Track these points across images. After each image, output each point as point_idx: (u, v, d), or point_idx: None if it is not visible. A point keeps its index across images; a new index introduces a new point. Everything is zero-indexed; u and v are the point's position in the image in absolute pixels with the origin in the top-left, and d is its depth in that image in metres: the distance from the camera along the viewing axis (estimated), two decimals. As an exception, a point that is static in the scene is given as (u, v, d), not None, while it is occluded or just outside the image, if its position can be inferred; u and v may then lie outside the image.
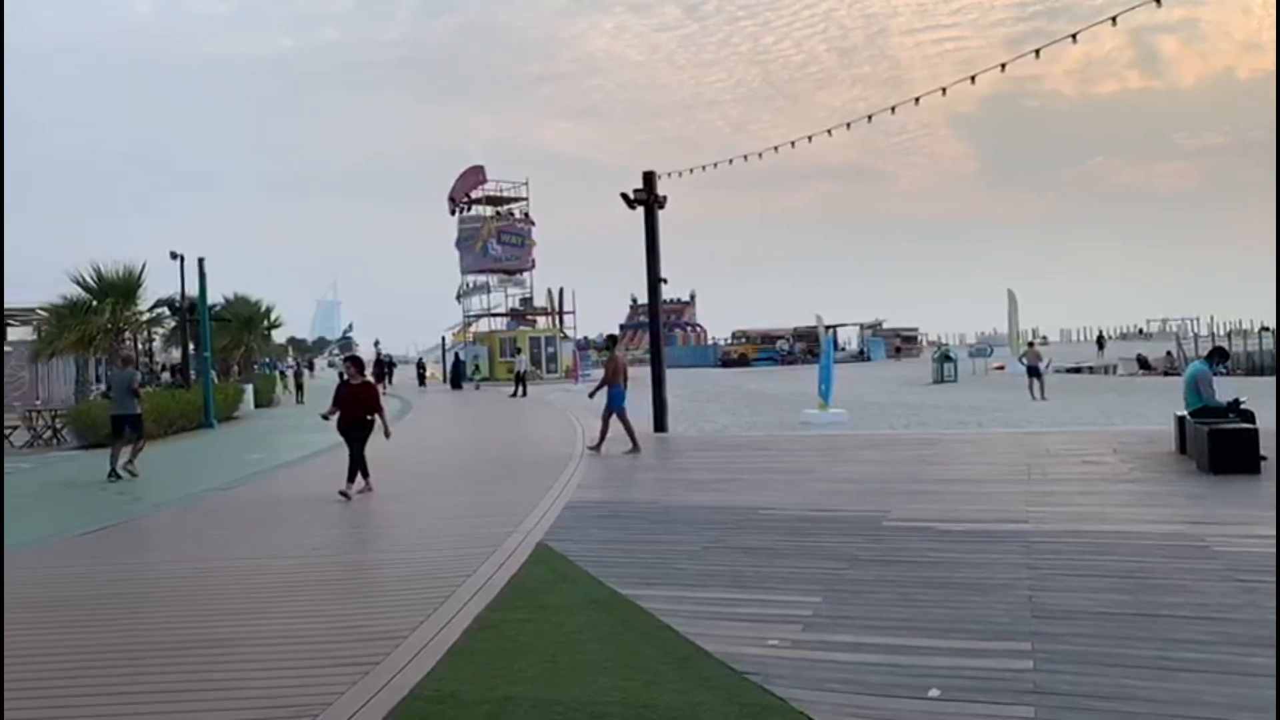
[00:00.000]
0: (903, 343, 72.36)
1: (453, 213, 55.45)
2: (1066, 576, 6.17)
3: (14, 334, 35.33)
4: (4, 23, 10.91)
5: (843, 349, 62.49)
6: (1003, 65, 14.79)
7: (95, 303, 22.84)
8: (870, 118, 17.64)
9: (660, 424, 17.99)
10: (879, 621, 5.34)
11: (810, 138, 18.52)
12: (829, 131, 18.16)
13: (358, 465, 10.91)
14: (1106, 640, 4.85)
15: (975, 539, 7.41)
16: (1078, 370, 43.06)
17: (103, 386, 25.17)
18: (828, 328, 24.26)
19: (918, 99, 16.64)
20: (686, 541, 7.80)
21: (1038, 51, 14.26)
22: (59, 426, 20.97)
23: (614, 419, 14.83)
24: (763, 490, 10.37)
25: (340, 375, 11.35)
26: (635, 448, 14.40)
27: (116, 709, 4.47)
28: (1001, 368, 41.24)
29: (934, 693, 4.22)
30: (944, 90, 16.06)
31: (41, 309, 26.71)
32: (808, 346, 60.84)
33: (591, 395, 15.17)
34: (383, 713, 4.25)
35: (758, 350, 65.74)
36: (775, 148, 19.00)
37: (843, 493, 9.98)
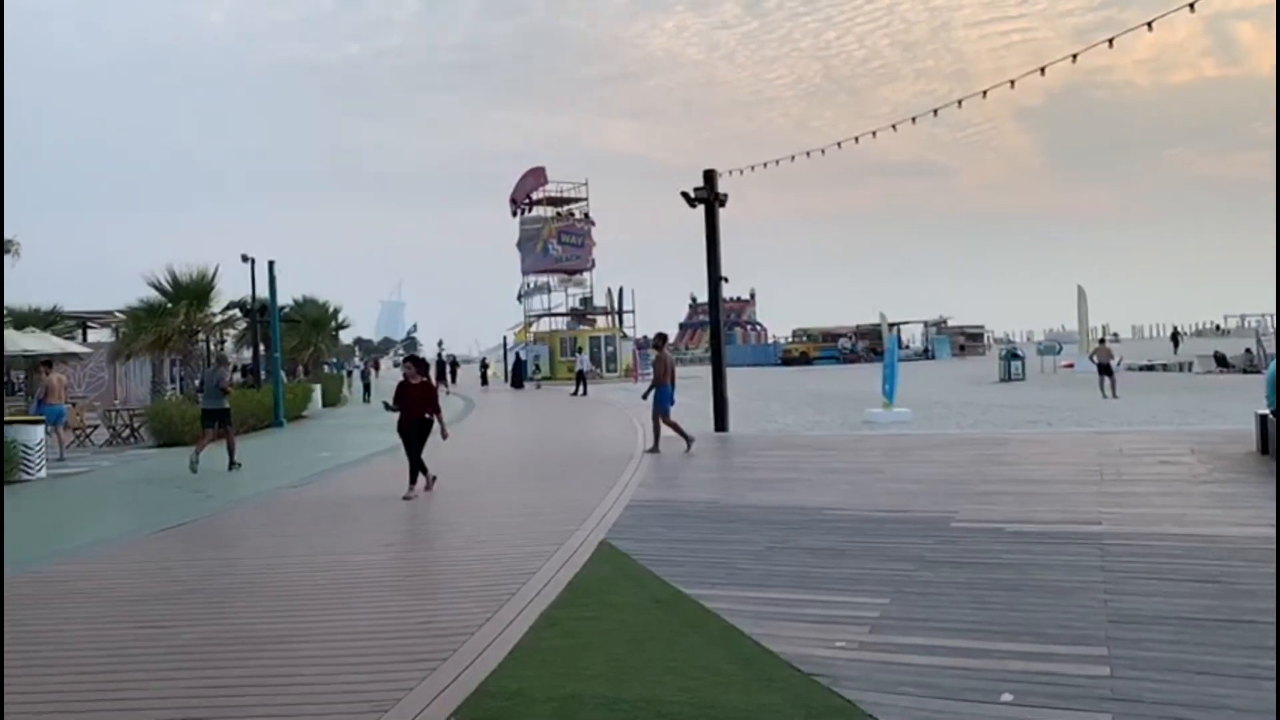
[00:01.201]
0: (968, 340, 71.13)
1: (514, 214, 55.98)
2: (1144, 580, 5.99)
3: (94, 336, 36.61)
4: (4, 23, 11.05)
5: (906, 347, 61.65)
6: (1074, 56, 14.45)
7: (170, 305, 23.50)
8: (935, 112, 17.39)
9: (721, 423, 17.93)
10: (949, 624, 5.24)
11: (874, 133, 18.29)
12: (893, 126, 17.93)
13: (416, 467, 11.03)
14: (1188, 647, 4.70)
15: (1047, 540, 7.24)
16: (1151, 368, 41.85)
17: (172, 387, 25.92)
18: (891, 325, 23.97)
19: (985, 92, 16.33)
20: (750, 541, 7.75)
21: (1111, 41, 13.89)
22: (136, 425, 21.64)
23: (663, 413, 14.83)
24: (827, 490, 10.27)
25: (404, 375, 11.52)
26: (689, 443, 14.44)
27: (196, 702, 4.58)
28: (1071, 365, 40.31)
29: (1007, 698, 4.13)
30: (1012, 83, 15.73)
31: (120, 312, 27.61)
32: (871, 345, 60.20)
33: (645, 396, 15.15)
34: (451, 708, 4.29)
35: (819, 349, 65.16)
36: (838, 144, 18.82)
37: (909, 493, 9.83)
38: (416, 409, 11.14)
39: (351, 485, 12.53)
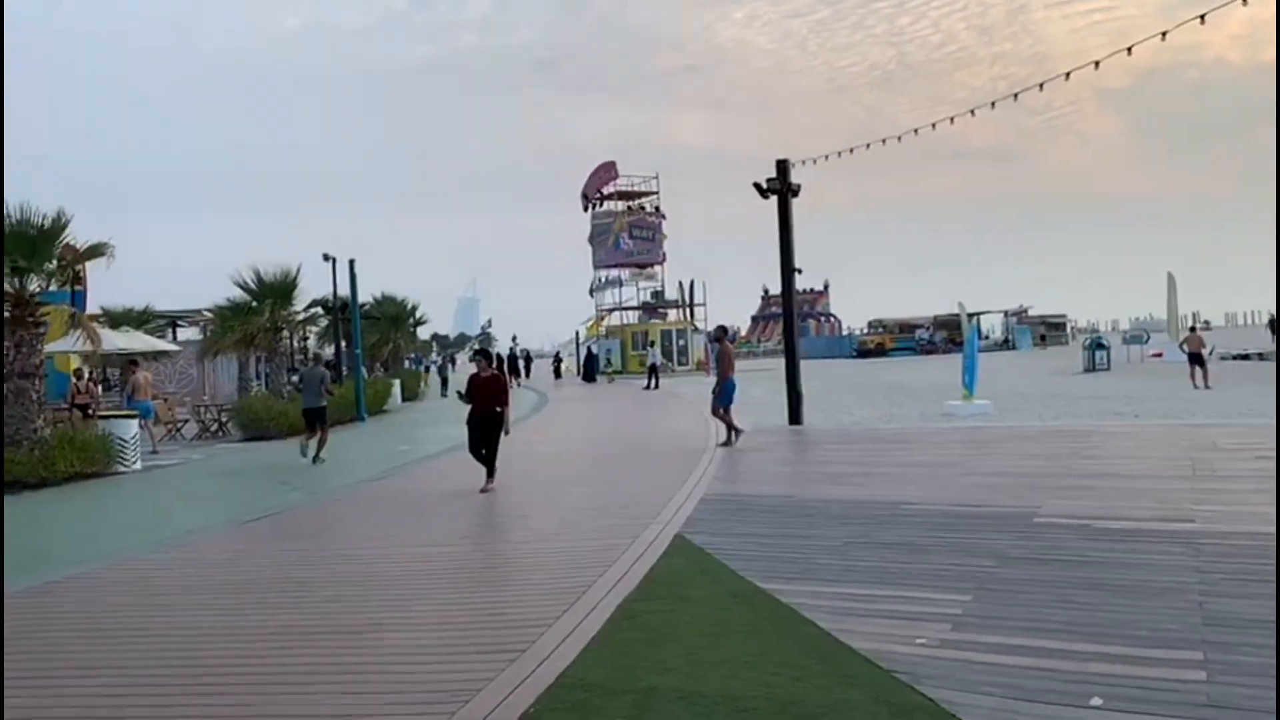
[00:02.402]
0: (1049, 330, 69.24)
1: (586, 209, 56.32)
2: (1242, 581, 5.76)
3: (183, 334, 37.94)
4: (4, 22, 11.28)
5: (986, 338, 60.31)
6: (1163, 34, 13.92)
7: (255, 304, 24.20)
8: (1015, 96, 16.97)
9: (795, 416, 17.78)
10: (1034, 623, 5.11)
11: (951, 119, 17.94)
12: (971, 112, 17.54)
13: (490, 461, 11.13)
14: (1290, 649, 4.50)
15: (1136, 538, 7.01)
16: (1246, 357, 40.10)
17: (257, 383, 26.70)
18: (970, 315, 23.44)
19: (1067, 74, 15.87)
20: (827, 536, 7.68)
21: (1203, 17, 13.34)
22: (224, 420, 22.37)
23: (719, 406, 14.78)
24: (905, 484, 10.11)
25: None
26: (732, 439, 14.39)
27: (279, 689, 4.72)
28: (1159, 355, 38.91)
29: (1096, 701, 4.02)
30: (1097, 64, 15.25)
31: (207, 311, 28.56)
32: (949, 335, 59.01)
33: (719, 391, 15.02)
34: (531, 699, 4.35)
35: (895, 340, 64.07)
36: (914, 131, 18.48)
37: (990, 487, 9.62)
38: (486, 401, 11.26)
39: (430, 478, 12.75)
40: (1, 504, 8.80)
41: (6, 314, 14.61)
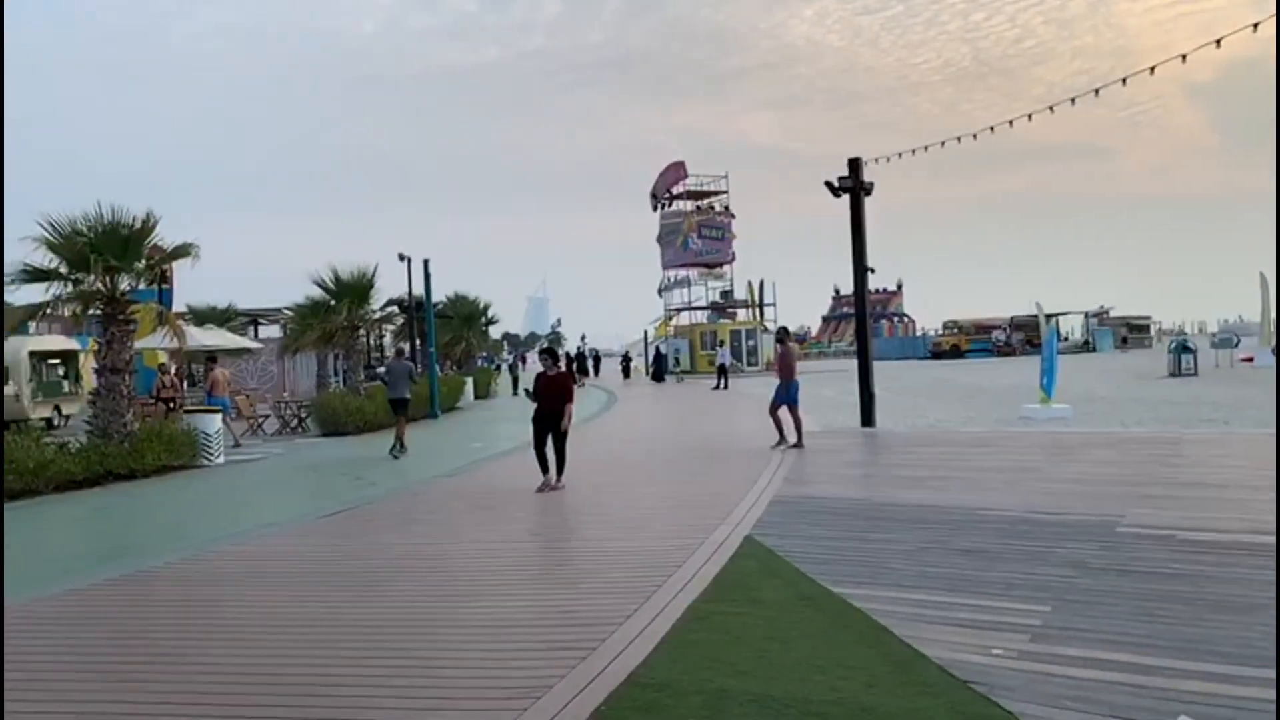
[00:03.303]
0: (1132, 332, 67.11)
1: (655, 208, 56.39)
2: (1339, 595, 5.51)
3: (264, 332, 39.06)
4: (4, 22, 11.41)
5: (1066, 339, 58.74)
6: (1255, 25, 13.39)
7: (333, 303, 24.78)
8: (1097, 91, 16.48)
9: (868, 418, 17.56)
10: (1116, 636, 4.96)
11: (1029, 116, 17.52)
12: (1050, 108, 17.11)
13: (560, 458, 11.22)
14: (1393, 670, 4.30)
15: (1224, 550, 6.76)
16: (1344, 362, 38.37)
17: (335, 380, 27.34)
18: (1049, 316, 22.79)
19: (1153, 68, 15.39)
20: (900, 541, 7.57)
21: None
22: (303, 416, 22.95)
23: (781, 409, 14.64)
24: (981, 489, 9.91)
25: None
26: (781, 443, 14.29)
27: (352, 682, 4.81)
28: (1250, 359, 37.40)
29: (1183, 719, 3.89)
30: (1183, 57, 14.75)
31: (287, 309, 29.35)
32: (1026, 337, 57.61)
33: (788, 392, 14.85)
34: (601, 697, 4.37)
35: (971, 341, 62.77)
36: (990, 128, 18.09)
37: (1070, 494, 9.37)
38: (552, 400, 11.29)
39: (501, 475, 12.90)
40: (1, 511, 8.86)
41: (99, 311, 15.20)
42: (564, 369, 11.79)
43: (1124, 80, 15.84)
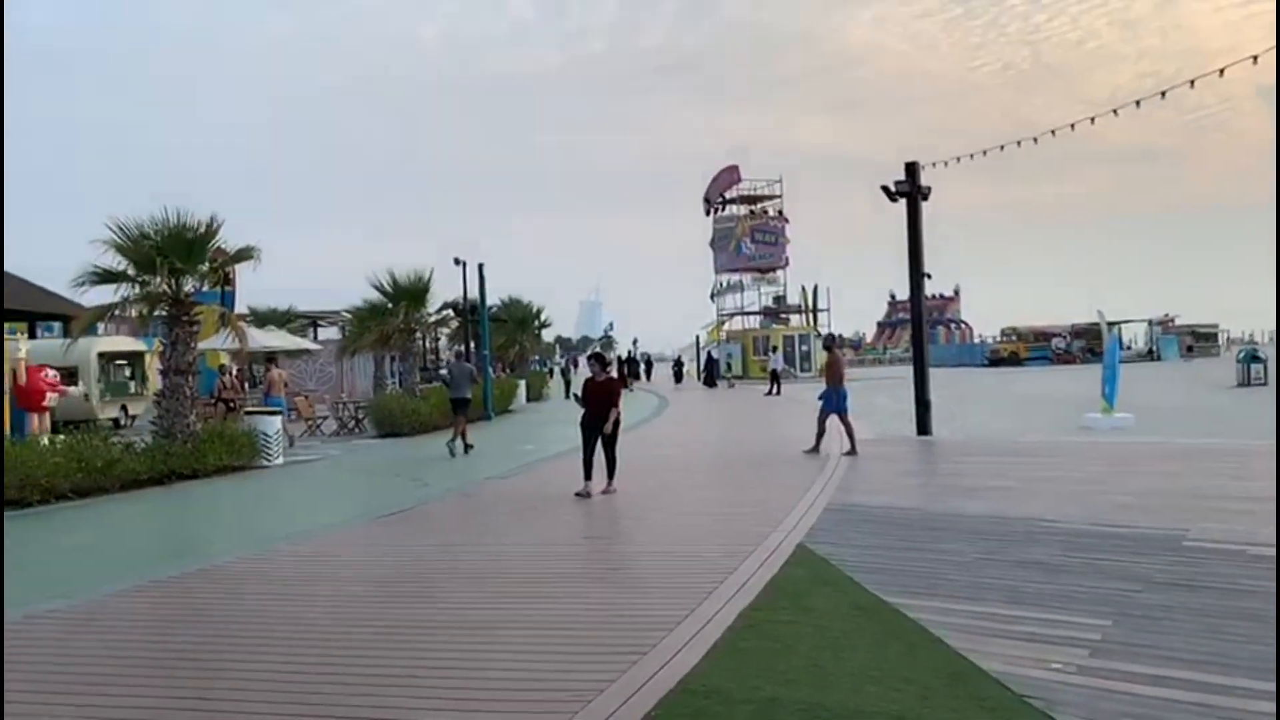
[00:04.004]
0: (1198, 340, 65.26)
1: (708, 213, 56.26)
2: None
3: (323, 334, 39.75)
4: (4, 22, 11.51)
5: (1128, 348, 57.33)
6: (1332, 24, 12.93)
7: (390, 305, 25.13)
8: (1163, 94, 16.06)
9: (923, 426, 17.31)
10: (1182, 654, 4.82)
11: (1092, 119, 17.15)
12: (1114, 111, 16.71)
13: (611, 462, 11.21)
14: None
15: (1298, 565, 6.53)
16: None
17: (392, 382, 27.71)
18: (1111, 324, 22.28)
19: (1222, 70, 14.96)
20: (956, 551, 7.45)
21: (1378, 6, 12.33)
22: (361, 417, 23.30)
23: (830, 417, 14.50)
24: (1039, 500, 9.71)
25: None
26: (816, 449, 14.17)
27: (404, 681, 4.86)
28: (1324, 370, 36.14)
29: (1252, 738, 3.76)
30: (1255, 58, 14.29)
31: (346, 312, 29.83)
32: (1087, 345, 56.41)
33: (836, 401, 14.65)
34: (652, 703, 4.36)
35: (1030, 349, 61.61)
36: (1051, 132, 17.73)
37: (1133, 506, 9.14)
38: (600, 406, 11.23)
39: (553, 478, 12.96)
40: (1, 521, 8.99)
41: (164, 313, 15.59)
42: (612, 374, 11.78)
43: (1192, 83, 15.44)
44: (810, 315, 55.16)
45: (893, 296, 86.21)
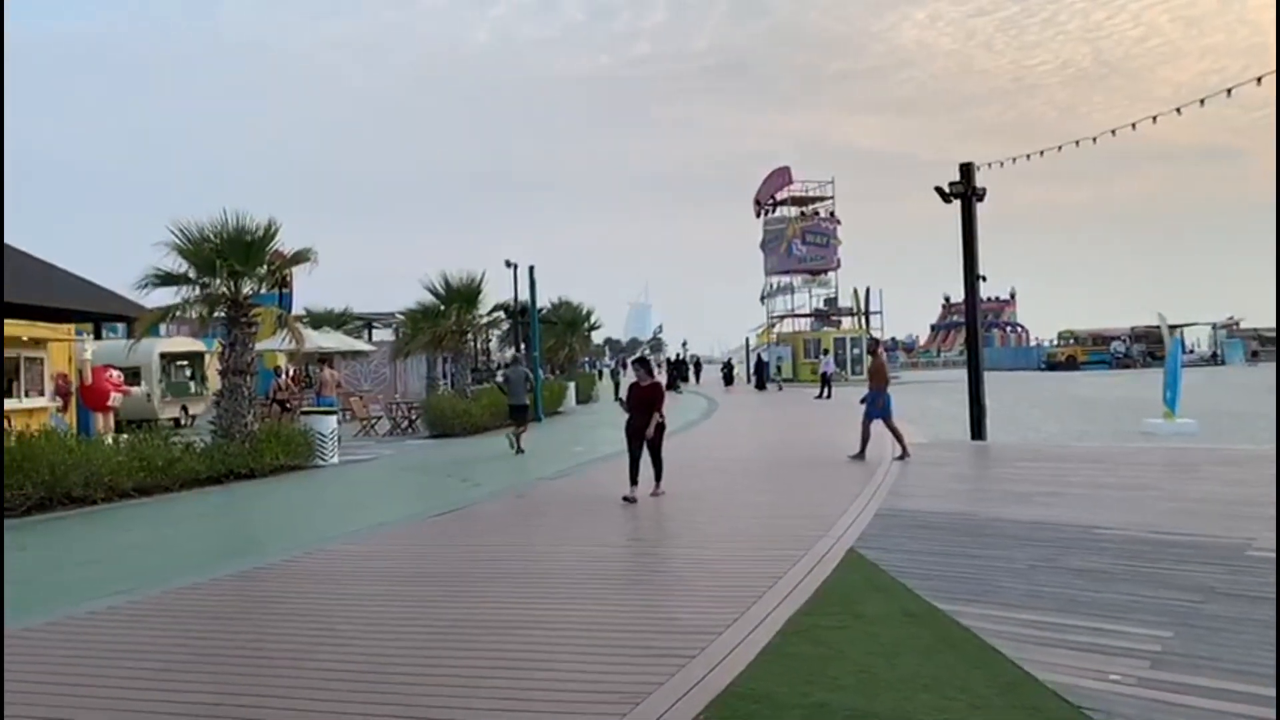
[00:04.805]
0: (1264, 345, 63.35)
1: (758, 215, 56.01)
2: None
3: (378, 335, 40.34)
4: (4, 22, 11.55)
5: (1191, 352, 55.90)
6: None
7: (443, 308, 25.43)
8: (1229, 92, 15.68)
9: (978, 431, 17.06)
10: (1247, 667, 4.68)
11: (1154, 118, 16.80)
12: (1177, 110, 16.36)
13: (657, 465, 11.17)
14: None
15: (1370, 578, 6.31)
16: None
17: (444, 383, 28.03)
18: (1172, 327, 21.76)
19: (1290, 67, 14.49)
20: (1010, 558, 7.32)
21: None
22: (414, 418, 23.60)
23: (870, 421, 14.36)
24: (1098, 507, 9.51)
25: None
26: (861, 454, 14.00)
27: (456, 680, 4.90)
28: (1399, 375, 34.91)
29: (1321, 755, 3.64)
30: (1327, 54, 13.85)
31: (399, 314, 30.26)
32: (1148, 348, 55.13)
33: (877, 404, 14.46)
34: (699, 707, 4.35)
35: (1088, 352, 60.40)
36: (1111, 131, 17.43)
37: (1195, 514, 8.90)
38: (644, 411, 11.15)
39: (601, 480, 13.00)
40: (1, 529, 9.10)
41: (223, 314, 15.94)
42: (657, 380, 11.76)
43: (1259, 79, 15.01)
44: (862, 318, 54.60)
45: (947, 299, 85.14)
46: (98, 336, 24.80)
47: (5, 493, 10.90)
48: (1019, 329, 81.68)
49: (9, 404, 17.23)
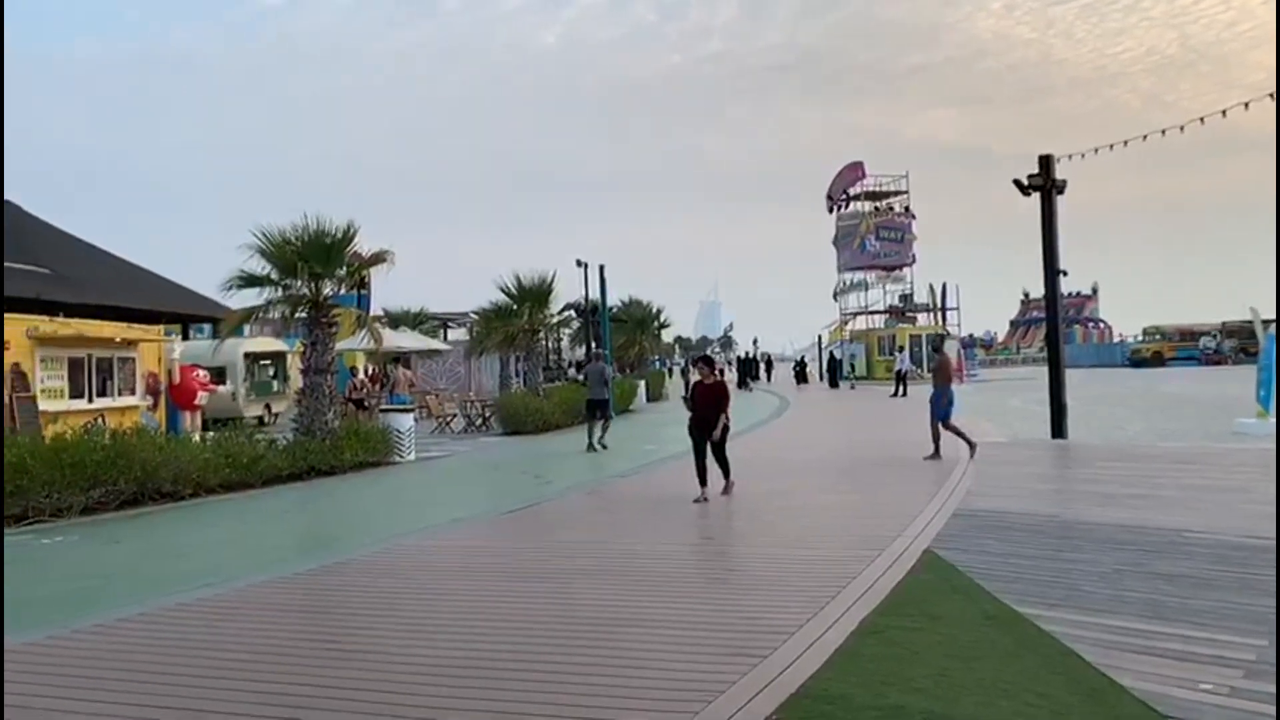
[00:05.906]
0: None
1: (831, 210, 55.47)
2: None
3: (453, 334, 40.99)
4: (4, 22, 11.66)
5: (1286, 347, 53.52)
6: None
7: (515, 307, 25.71)
8: (1328, 75, 14.95)
9: (1059, 429, 16.62)
10: (1348, 676, 4.48)
11: (1246, 104, 16.13)
12: (1270, 95, 15.66)
13: (723, 464, 11.09)
14: None
15: None
16: None
17: (517, 381, 28.34)
18: (1266, 322, 20.91)
19: (1396, 48, 13.78)
20: (1094, 561, 7.11)
21: None
22: (487, 415, 23.91)
23: (937, 420, 14.05)
24: (1186, 509, 9.19)
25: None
26: (935, 454, 13.75)
27: (527, 677, 4.93)
28: None
29: None
30: None
31: (473, 313, 30.70)
32: (1240, 344, 53.00)
33: (943, 402, 14.11)
34: (772, 706, 4.32)
35: (1175, 349, 58.42)
36: (1200, 119, 16.80)
37: (1291, 517, 8.53)
38: (709, 409, 11.02)
39: (672, 478, 12.99)
40: (2, 535, 9.17)
41: (304, 315, 16.36)
42: (720, 378, 11.65)
43: (1360, 61, 14.30)
44: (939, 314, 53.64)
45: (1026, 295, 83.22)
46: (185, 337, 25.64)
47: (100, 488, 11.37)
48: (1101, 325, 79.42)
49: (103, 402, 17.93)
